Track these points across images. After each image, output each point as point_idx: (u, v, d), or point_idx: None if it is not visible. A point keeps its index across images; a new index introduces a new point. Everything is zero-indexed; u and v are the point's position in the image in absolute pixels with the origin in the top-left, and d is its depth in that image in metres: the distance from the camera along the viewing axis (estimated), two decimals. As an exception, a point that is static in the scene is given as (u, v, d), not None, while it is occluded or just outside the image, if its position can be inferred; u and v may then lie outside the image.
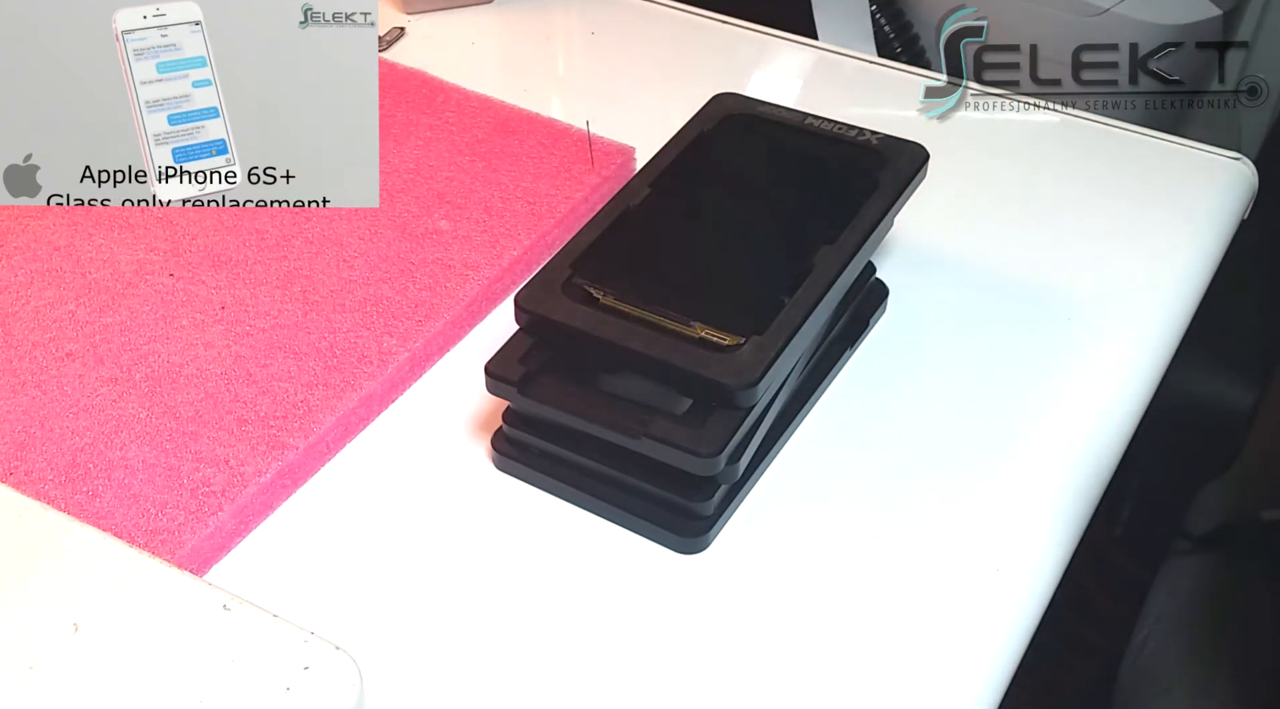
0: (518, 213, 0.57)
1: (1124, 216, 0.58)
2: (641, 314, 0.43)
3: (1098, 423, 0.49)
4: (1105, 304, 0.54)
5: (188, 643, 0.37)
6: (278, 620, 0.38)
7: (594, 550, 0.45)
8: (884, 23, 0.79)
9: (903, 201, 0.49)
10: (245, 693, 0.36)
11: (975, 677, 0.41)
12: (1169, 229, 0.58)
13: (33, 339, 0.51)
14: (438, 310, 0.52)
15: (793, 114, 0.53)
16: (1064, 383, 0.50)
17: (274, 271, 0.54)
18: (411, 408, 0.50)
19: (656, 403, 0.43)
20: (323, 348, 0.50)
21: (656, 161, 0.51)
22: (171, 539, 0.43)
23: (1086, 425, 0.49)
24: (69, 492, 0.45)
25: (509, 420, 0.46)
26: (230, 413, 0.48)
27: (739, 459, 0.43)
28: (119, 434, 0.47)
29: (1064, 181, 0.60)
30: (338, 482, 0.47)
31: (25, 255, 0.55)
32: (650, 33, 0.73)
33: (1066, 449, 0.48)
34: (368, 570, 0.44)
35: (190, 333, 0.51)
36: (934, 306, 0.53)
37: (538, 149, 0.61)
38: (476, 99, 0.64)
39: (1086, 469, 0.47)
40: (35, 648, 0.37)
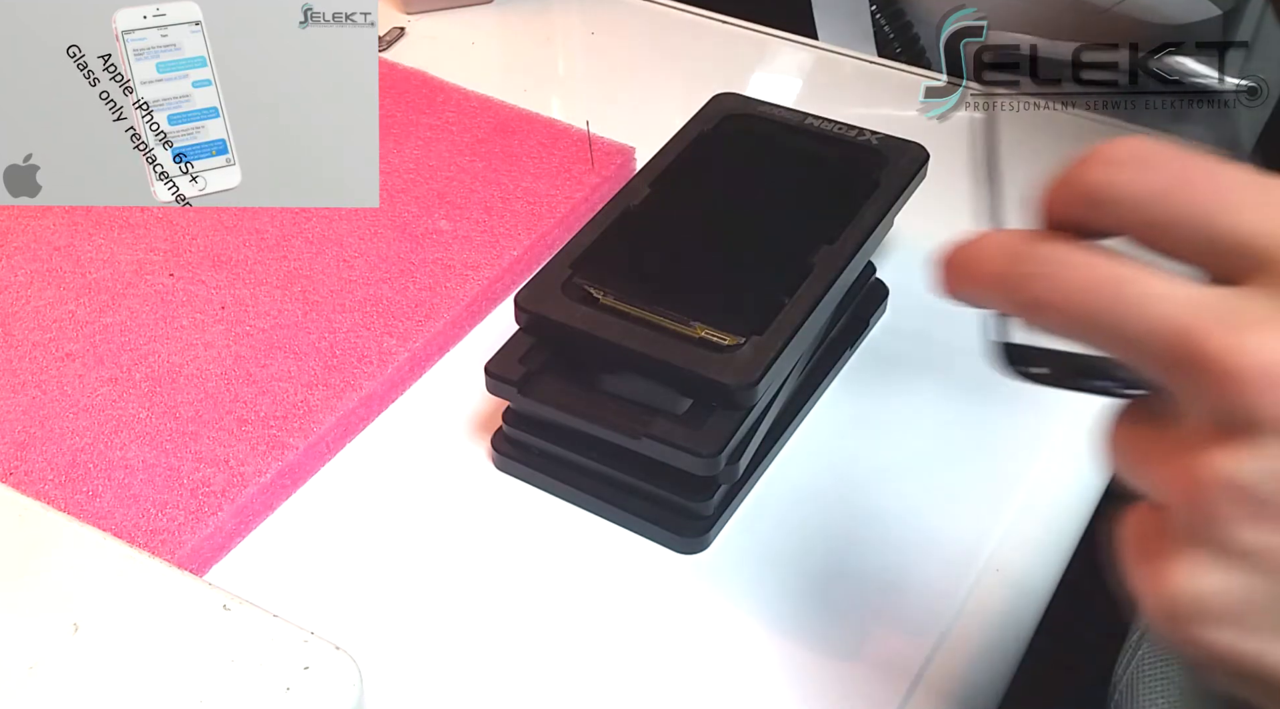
0: (518, 213, 0.57)
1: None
2: (641, 314, 0.43)
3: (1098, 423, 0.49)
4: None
5: (188, 643, 0.37)
6: (278, 620, 0.38)
7: (594, 550, 0.45)
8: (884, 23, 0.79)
9: (903, 201, 0.49)
10: (245, 693, 0.36)
11: (974, 677, 0.41)
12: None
13: (33, 339, 0.51)
14: (438, 310, 0.52)
15: (793, 114, 0.52)
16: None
17: (274, 271, 0.54)
18: (411, 408, 0.50)
19: (656, 403, 0.43)
20: (323, 348, 0.50)
21: (656, 161, 0.51)
22: (171, 539, 0.43)
23: (1086, 425, 0.49)
24: (69, 492, 0.45)
25: (509, 420, 0.46)
26: (230, 413, 0.48)
27: (739, 459, 0.43)
28: (119, 434, 0.47)
29: (1064, 181, 0.60)
30: (338, 482, 0.47)
31: (25, 255, 0.55)
32: (650, 33, 0.73)
33: (1066, 449, 0.48)
34: (368, 570, 0.44)
35: (190, 333, 0.51)
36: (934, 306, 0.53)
37: (538, 149, 0.61)
38: (476, 99, 0.64)
39: (1087, 469, 0.47)
40: (35, 648, 0.37)
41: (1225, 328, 0.22)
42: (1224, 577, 0.22)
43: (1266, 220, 0.22)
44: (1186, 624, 0.22)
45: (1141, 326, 0.23)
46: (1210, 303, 0.22)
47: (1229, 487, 0.21)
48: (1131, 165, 0.23)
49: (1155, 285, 0.23)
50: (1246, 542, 0.21)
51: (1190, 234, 0.23)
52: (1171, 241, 0.23)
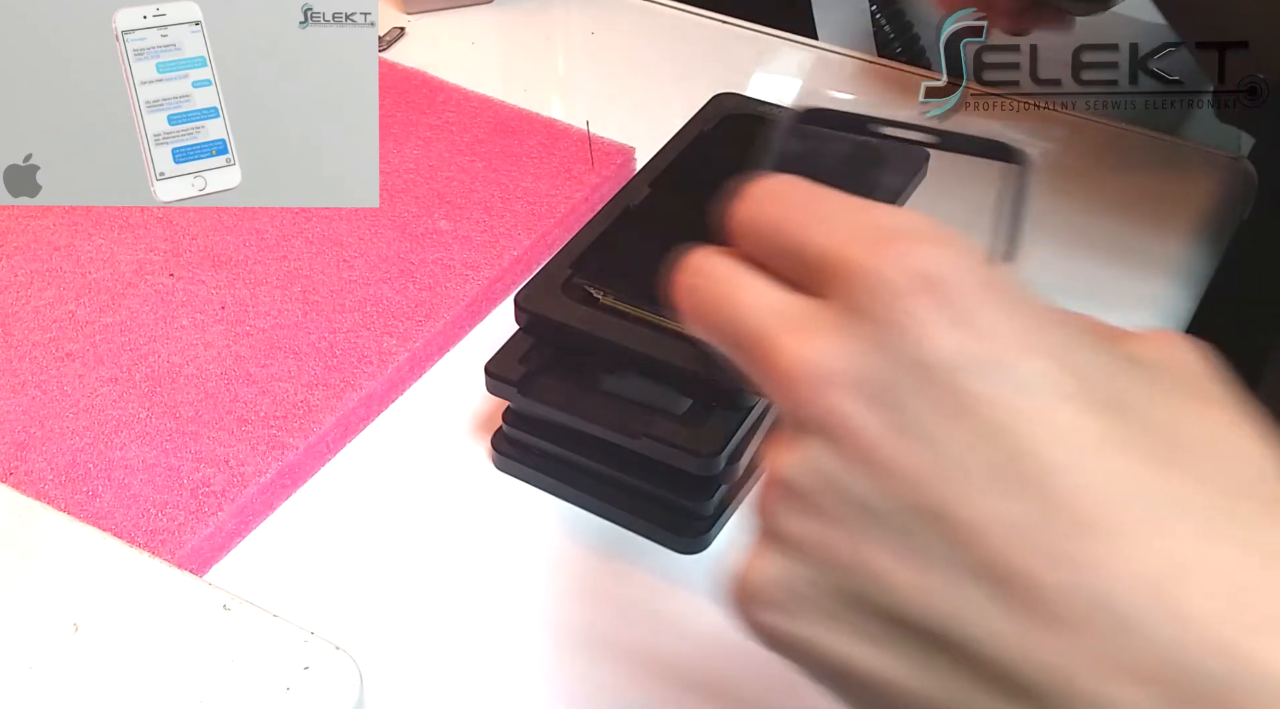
0: (518, 213, 0.57)
1: (1124, 216, 0.58)
2: (641, 314, 0.43)
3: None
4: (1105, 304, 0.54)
5: (188, 643, 0.37)
6: (278, 620, 0.38)
7: (594, 550, 0.45)
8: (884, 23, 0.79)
9: (903, 202, 0.49)
10: (245, 693, 0.36)
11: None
12: (1169, 229, 0.57)
13: (33, 339, 0.51)
14: (438, 310, 0.52)
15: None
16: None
17: (274, 271, 0.54)
18: (411, 408, 0.50)
19: (656, 403, 0.43)
20: (323, 348, 0.50)
21: (656, 161, 0.51)
22: (171, 539, 0.43)
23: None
24: (69, 492, 0.45)
25: (509, 420, 0.46)
26: (230, 413, 0.48)
27: (739, 459, 0.43)
28: (119, 434, 0.47)
29: (1064, 181, 0.60)
30: (338, 482, 0.47)
31: (25, 255, 0.55)
32: (650, 33, 0.73)
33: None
34: (368, 570, 0.44)
35: (190, 333, 0.51)
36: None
37: (538, 149, 0.61)
38: (476, 99, 0.64)
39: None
40: (35, 648, 0.37)
41: (790, 334, 0.23)
42: (775, 564, 0.24)
43: (840, 238, 0.23)
44: (748, 608, 0.24)
45: (737, 332, 0.25)
46: (789, 312, 0.24)
47: (777, 482, 0.24)
48: (762, 201, 0.25)
49: (750, 296, 0.25)
50: (790, 532, 0.23)
51: (791, 259, 0.25)
52: (786, 267, 0.25)
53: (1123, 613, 0.20)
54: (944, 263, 0.22)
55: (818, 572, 0.23)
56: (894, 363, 0.22)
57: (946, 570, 0.21)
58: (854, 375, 0.22)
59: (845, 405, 0.22)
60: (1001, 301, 0.22)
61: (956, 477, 0.21)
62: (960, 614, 0.21)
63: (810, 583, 0.23)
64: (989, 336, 0.22)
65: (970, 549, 0.21)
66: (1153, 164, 0.62)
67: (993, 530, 0.21)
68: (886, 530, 0.22)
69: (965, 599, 0.21)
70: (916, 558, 0.22)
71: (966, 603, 0.21)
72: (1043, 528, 0.21)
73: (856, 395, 0.22)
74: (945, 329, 0.22)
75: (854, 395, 0.22)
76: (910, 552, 0.22)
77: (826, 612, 0.23)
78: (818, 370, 0.23)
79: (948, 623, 0.21)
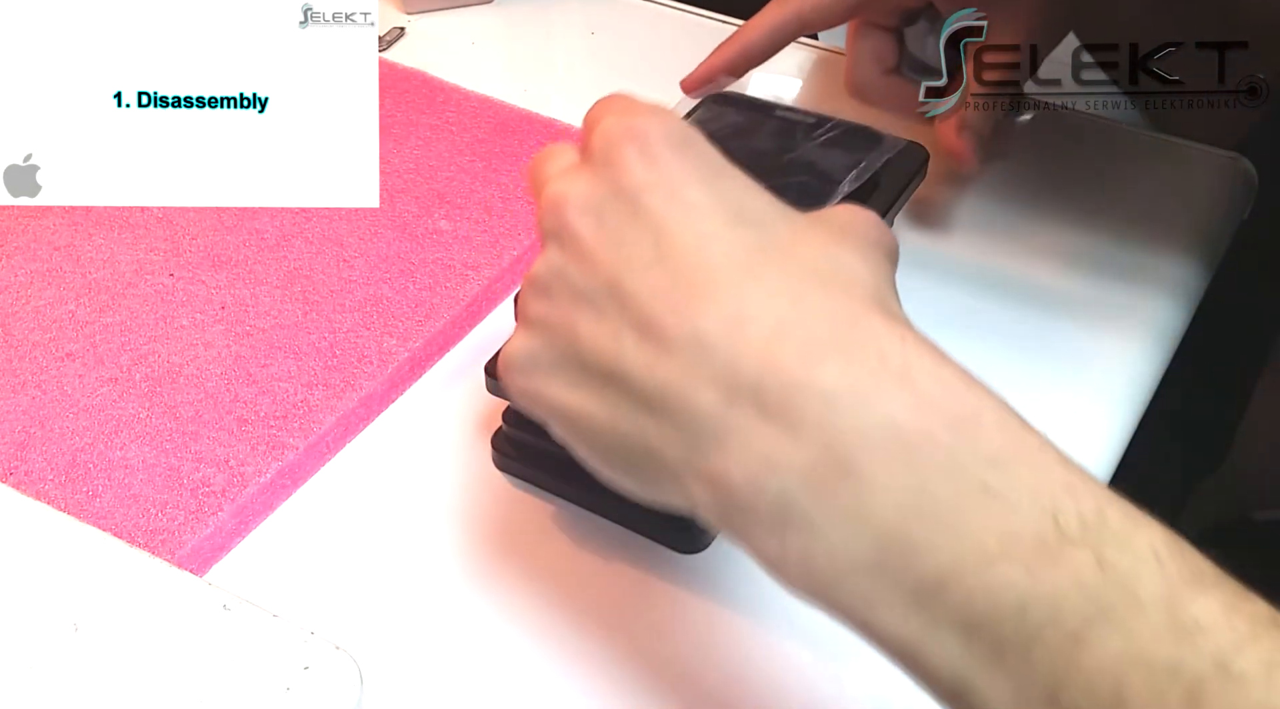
0: (518, 213, 0.57)
1: (1124, 216, 0.58)
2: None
3: (1096, 423, 0.49)
4: (1104, 304, 0.54)
5: (188, 643, 0.37)
6: (278, 620, 0.38)
7: (594, 550, 0.45)
8: (884, 23, 0.79)
9: (903, 201, 0.49)
10: (245, 693, 0.36)
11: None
12: (1169, 229, 0.57)
13: (33, 339, 0.51)
14: (438, 310, 0.52)
15: (793, 113, 0.53)
16: (1062, 383, 0.50)
17: (274, 271, 0.54)
18: (411, 408, 0.50)
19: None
20: (323, 348, 0.50)
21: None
22: (171, 539, 0.43)
23: (1085, 425, 0.49)
24: (69, 492, 0.45)
25: (509, 420, 0.46)
26: (230, 413, 0.48)
27: (739, 459, 0.43)
28: (119, 434, 0.47)
29: (1064, 181, 0.60)
30: (338, 482, 0.47)
31: (25, 255, 0.55)
32: (650, 33, 0.73)
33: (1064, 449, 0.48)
34: (368, 570, 0.44)
35: (190, 333, 0.51)
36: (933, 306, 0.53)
37: (538, 149, 0.61)
38: (476, 99, 0.64)
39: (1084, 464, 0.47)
40: (35, 648, 0.37)
41: (555, 178, 0.33)
42: (522, 339, 0.33)
43: (598, 112, 0.34)
44: (506, 375, 0.34)
45: (533, 183, 0.35)
46: (565, 166, 0.34)
47: (529, 279, 0.33)
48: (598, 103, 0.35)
49: (551, 161, 0.35)
50: (533, 313, 0.33)
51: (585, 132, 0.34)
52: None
53: (710, 343, 0.29)
54: (649, 124, 0.32)
55: (547, 340, 0.32)
56: (605, 189, 0.31)
57: (616, 326, 0.30)
58: (581, 199, 0.32)
59: (571, 218, 0.32)
60: (683, 152, 0.32)
61: (628, 261, 0.31)
62: (621, 354, 0.30)
63: (543, 349, 0.32)
64: (665, 171, 0.31)
65: (628, 308, 0.30)
66: (1152, 164, 0.62)
67: (642, 294, 0.30)
68: (587, 304, 0.31)
69: (624, 344, 0.30)
70: (601, 321, 0.31)
71: (624, 347, 0.30)
72: (670, 290, 0.30)
73: (580, 212, 0.32)
74: (638, 165, 0.31)
75: (578, 212, 0.32)
76: (597, 316, 0.31)
77: (551, 370, 0.32)
78: (560, 196, 0.32)
79: (613, 362, 0.30)
